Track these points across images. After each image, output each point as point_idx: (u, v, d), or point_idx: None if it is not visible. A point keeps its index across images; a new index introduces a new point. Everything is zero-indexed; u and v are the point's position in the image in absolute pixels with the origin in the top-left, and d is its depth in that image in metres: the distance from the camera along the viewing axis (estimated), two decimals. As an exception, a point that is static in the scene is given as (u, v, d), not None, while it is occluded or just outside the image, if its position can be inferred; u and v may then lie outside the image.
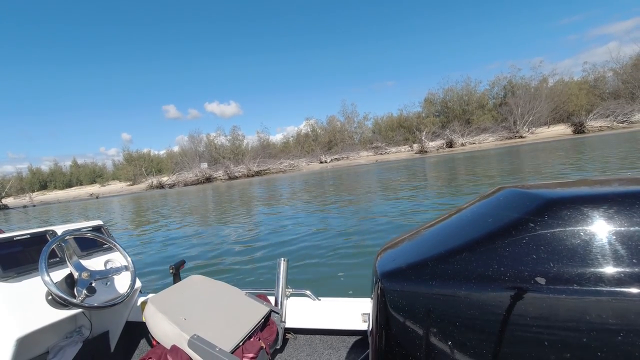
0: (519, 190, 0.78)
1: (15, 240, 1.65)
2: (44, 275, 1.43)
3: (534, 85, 56.25)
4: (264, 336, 1.68)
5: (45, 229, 1.80)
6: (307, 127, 70.76)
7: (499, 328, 0.59)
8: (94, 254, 1.89)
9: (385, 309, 0.73)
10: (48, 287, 1.43)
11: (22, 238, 1.68)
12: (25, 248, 1.67)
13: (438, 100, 64.11)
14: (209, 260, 5.82)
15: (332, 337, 1.89)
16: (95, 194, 11.18)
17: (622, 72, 52.47)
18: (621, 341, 0.52)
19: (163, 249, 7.31)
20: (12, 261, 1.58)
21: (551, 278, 0.57)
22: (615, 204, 0.61)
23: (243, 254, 5.90)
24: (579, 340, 0.54)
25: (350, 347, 1.84)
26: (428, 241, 0.81)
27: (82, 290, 1.51)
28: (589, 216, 0.61)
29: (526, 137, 47.73)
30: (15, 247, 1.64)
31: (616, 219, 0.59)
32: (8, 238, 1.63)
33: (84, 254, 1.82)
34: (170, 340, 1.46)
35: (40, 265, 1.45)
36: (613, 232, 0.58)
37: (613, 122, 42.65)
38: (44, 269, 1.44)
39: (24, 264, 1.61)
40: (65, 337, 1.75)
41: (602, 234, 0.59)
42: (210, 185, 43.90)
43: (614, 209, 0.61)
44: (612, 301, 0.53)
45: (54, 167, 79.79)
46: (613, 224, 0.59)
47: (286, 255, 2.18)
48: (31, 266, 1.61)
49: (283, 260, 1.93)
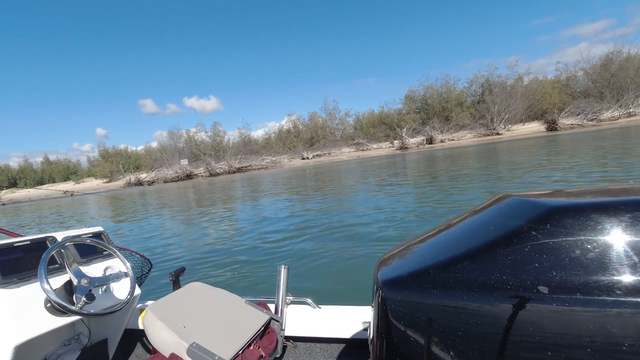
0: (521, 198, 0.77)
1: (15, 247, 1.64)
2: (43, 282, 1.43)
3: (510, 83, 57.78)
4: (264, 344, 1.69)
5: (45, 235, 1.79)
6: (289, 123, 70.55)
7: (501, 337, 0.58)
8: (93, 260, 1.88)
9: (386, 317, 0.72)
10: (47, 294, 1.43)
11: (22, 244, 1.66)
12: (25, 254, 1.66)
13: (418, 97, 64.92)
14: (208, 267, 5.74)
15: (333, 345, 1.91)
16: (69, 191, 10.83)
17: (592, 72, 54.50)
18: (625, 351, 0.51)
19: (159, 254, 7.18)
20: (11, 267, 1.57)
21: (554, 287, 0.57)
22: (618, 213, 0.61)
23: (243, 261, 5.84)
24: (583, 350, 0.53)
25: (350, 355, 1.86)
26: (429, 249, 0.80)
27: (81, 297, 1.51)
28: (592, 225, 0.60)
29: (503, 134, 49.11)
30: (15, 254, 1.62)
31: (620, 228, 0.59)
32: (8, 244, 1.61)
33: (83, 260, 1.81)
34: (169, 349, 1.46)
35: (40, 271, 1.44)
36: (616, 241, 0.58)
37: (583, 120, 44.43)
38: (43, 276, 1.43)
39: (23, 270, 1.60)
40: (63, 345, 1.75)
41: (606, 243, 0.58)
42: (191, 182, 43.07)
43: (617, 217, 0.60)
44: (616, 311, 0.52)
45: (24, 163, 76.25)
46: (616, 232, 0.58)
47: (286, 263, 2.21)
48: (30, 272, 1.60)
49: (283, 268, 1.93)
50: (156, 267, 6.27)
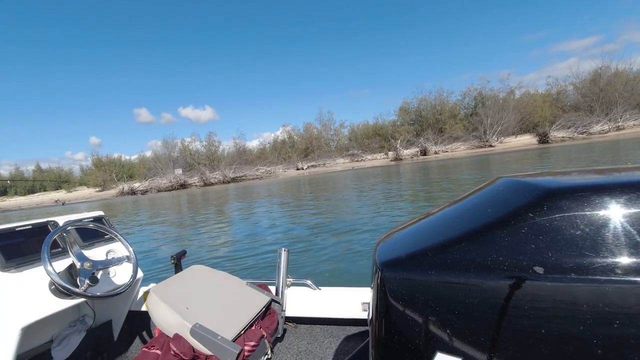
0: (517, 179, 0.79)
1: (17, 231, 1.65)
2: (46, 265, 1.44)
3: (502, 96, 58.70)
4: (265, 325, 1.71)
5: (47, 219, 1.80)
6: (284, 133, 70.65)
7: (498, 317, 0.59)
8: (95, 244, 1.89)
9: (385, 298, 0.73)
10: (51, 277, 1.44)
11: (24, 229, 1.68)
12: (28, 239, 1.67)
13: (412, 109, 65.56)
14: (209, 250, 5.79)
15: (333, 327, 1.94)
16: (61, 200, 10.54)
17: (582, 87, 55.74)
18: (619, 330, 0.52)
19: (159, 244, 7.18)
20: (14, 252, 1.58)
21: (549, 267, 0.58)
22: (614, 194, 0.61)
23: (243, 246, 5.93)
24: (577, 329, 0.55)
25: (350, 335, 1.88)
26: (427, 231, 0.81)
27: (84, 280, 1.53)
28: (587, 206, 0.61)
29: (495, 146, 49.72)
30: (18, 238, 1.64)
31: (615, 208, 0.59)
32: (10, 229, 1.63)
33: (85, 244, 1.83)
34: (172, 329, 1.47)
35: (43, 255, 1.45)
36: (612, 221, 0.59)
37: (574, 133, 45.16)
38: (46, 259, 1.44)
39: (26, 254, 1.61)
40: (69, 326, 1.76)
41: (601, 224, 0.59)
42: (185, 191, 42.84)
43: (613, 198, 0.60)
44: (610, 290, 0.54)
45: (15, 171, 75.41)
46: (612, 213, 0.59)
47: (286, 246, 2.23)
48: (34, 256, 1.61)
49: (284, 250, 1.96)
50: (158, 251, 6.28)
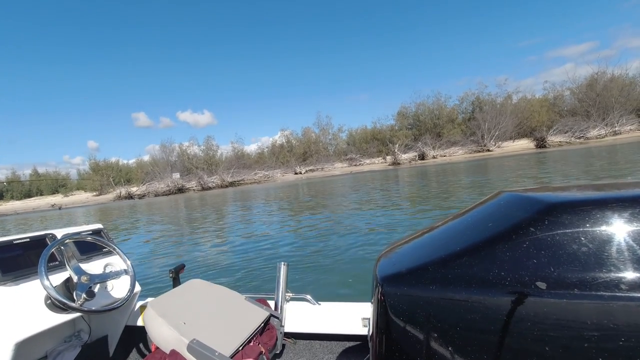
0: (519, 194, 0.78)
1: (15, 244, 1.64)
2: (43, 279, 1.42)
3: (500, 101, 59.02)
4: (264, 341, 1.69)
5: (45, 232, 1.78)
6: (282, 138, 70.74)
7: (500, 333, 0.58)
8: (93, 257, 1.87)
9: (386, 313, 0.72)
10: (47, 291, 1.42)
11: (22, 242, 1.66)
12: (25, 252, 1.66)
13: (410, 113, 65.86)
14: (208, 264, 5.76)
15: (332, 342, 1.91)
16: (57, 204, 10.49)
17: (578, 92, 56.18)
18: (622, 346, 0.52)
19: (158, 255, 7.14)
20: (11, 265, 1.57)
21: (552, 283, 0.57)
22: (616, 209, 0.60)
23: (242, 259, 5.90)
24: (580, 345, 0.54)
25: (350, 352, 1.85)
26: (428, 245, 0.81)
27: (81, 294, 1.50)
28: (589, 221, 0.60)
29: (493, 150, 49.97)
30: (15, 251, 1.62)
31: (618, 223, 0.59)
32: (8, 242, 1.61)
33: (83, 257, 1.81)
34: (169, 345, 1.45)
35: (40, 269, 1.43)
36: (614, 236, 0.58)
37: (571, 137, 45.53)
38: (43, 273, 1.42)
39: (23, 267, 1.60)
40: (64, 342, 1.73)
41: (604, 239, 0.58)
42: (182, 196, 42.77)
43: (615, 213, 0.60)
44: (615, 306, 0.53)
45: (12, 175, 75.08)
46: (614, 228, 0.58)
47: (286, 260, 2.21)
48: (30, 270, 1.60)
49: (283, 265, 1.94)
50: (155, 264, 6.24)
